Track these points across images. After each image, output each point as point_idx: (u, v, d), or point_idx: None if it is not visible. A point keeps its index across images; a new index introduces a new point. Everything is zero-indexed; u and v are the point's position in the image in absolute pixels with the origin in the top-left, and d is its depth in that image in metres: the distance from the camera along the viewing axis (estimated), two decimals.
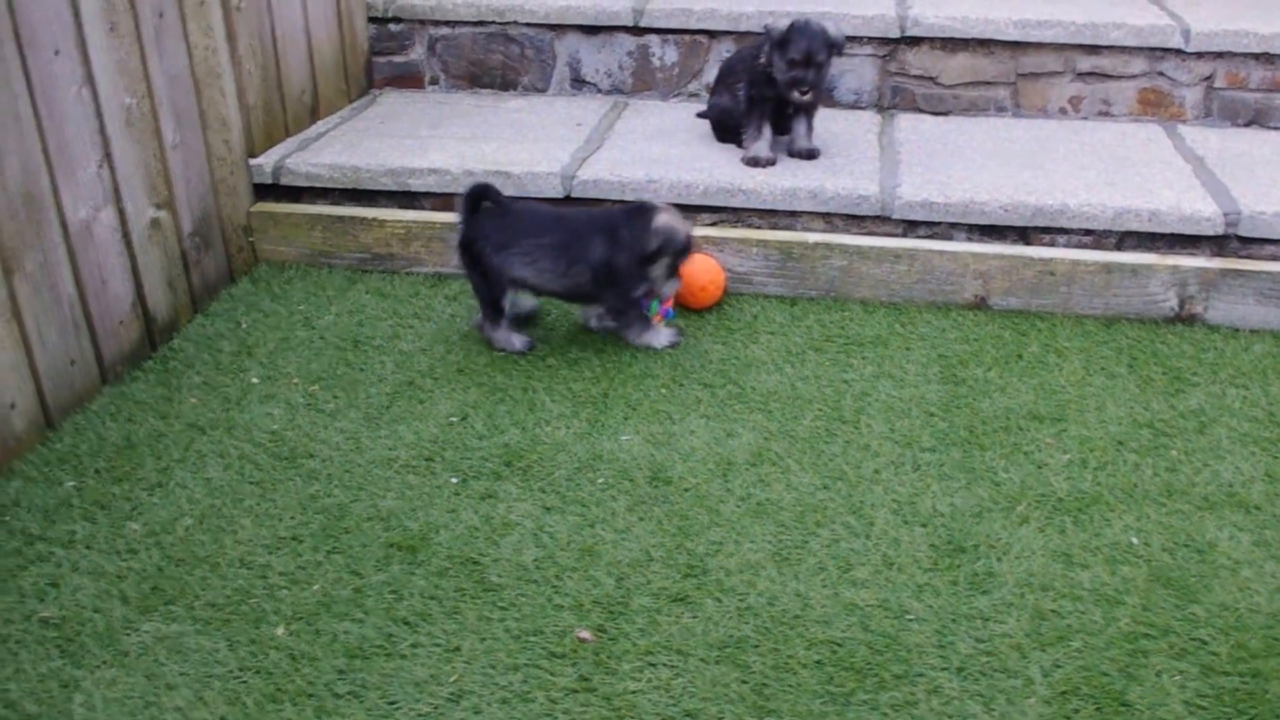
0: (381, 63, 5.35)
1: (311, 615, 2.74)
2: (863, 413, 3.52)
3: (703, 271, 4.11)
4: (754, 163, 4.46)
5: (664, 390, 3.64)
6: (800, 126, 4.54)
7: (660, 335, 3.84)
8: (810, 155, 4.51)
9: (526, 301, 3.93)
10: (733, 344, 3.91)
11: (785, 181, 4.28)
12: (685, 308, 4.13)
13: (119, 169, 3.68)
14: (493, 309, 3.81)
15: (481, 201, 3.77)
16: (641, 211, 3.72)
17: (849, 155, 4.57)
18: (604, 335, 3.91)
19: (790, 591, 2.80)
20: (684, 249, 3.74)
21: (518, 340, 3.85)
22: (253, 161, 4.50)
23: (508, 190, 4.32)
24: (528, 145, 4.64)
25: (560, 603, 2.77)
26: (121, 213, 3.71)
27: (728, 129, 4.64)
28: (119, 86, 3.66)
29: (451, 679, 2.57)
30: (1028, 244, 4.20)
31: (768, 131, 4.49)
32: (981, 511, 3.08)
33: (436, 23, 5.25)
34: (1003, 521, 3.05)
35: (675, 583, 2.83)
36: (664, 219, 3.70)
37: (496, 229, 3.73)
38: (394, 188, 4.47)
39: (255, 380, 3.70)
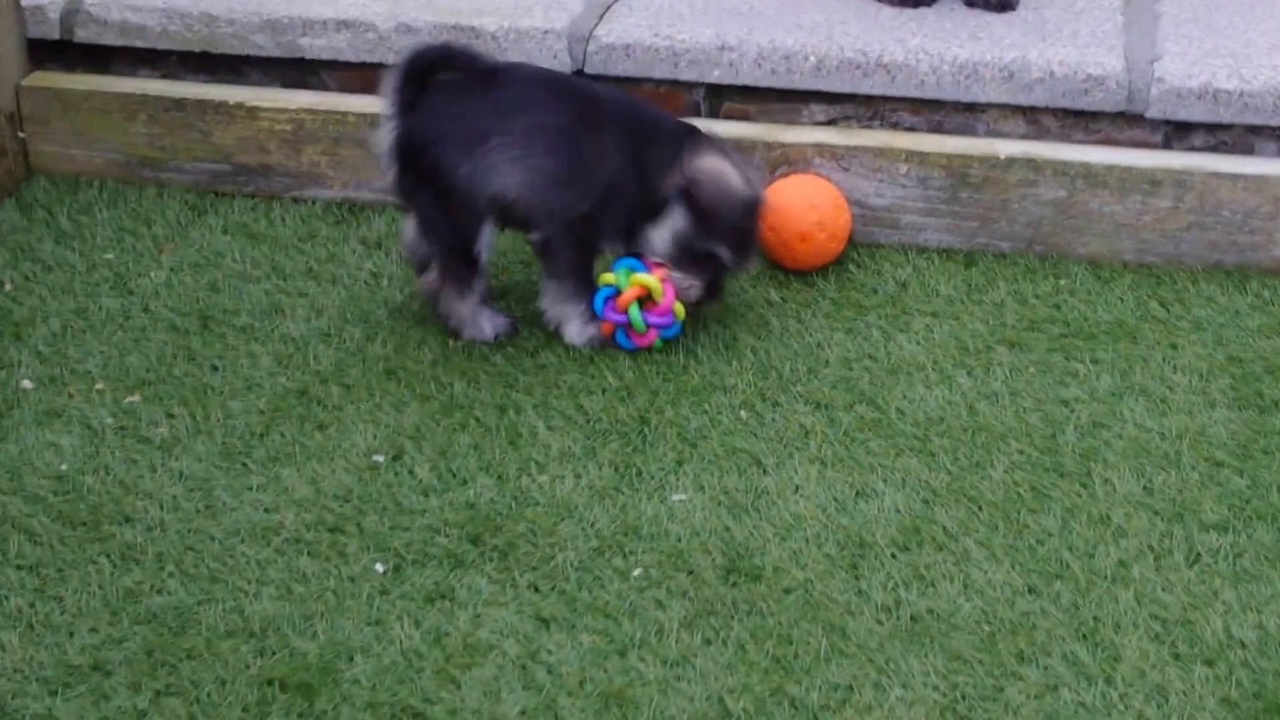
0: None
1: None
2: (1096, 458, 3.49)
3: (807, 205, 4.09)
4: None
5: (745, 412, 3.62)
6: None
7: (580, 328, 3.85)
8: (1002, 4, 4.49)
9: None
10: (865, 333, 3.90)
11: (958, 49, 4.26)
12: (779, 267, 4.11)
13: None
14: (460, 260, 3.81)
15: (433, 76, 3.76)
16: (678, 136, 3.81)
17: (1068, 3, 4.55)
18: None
19: None
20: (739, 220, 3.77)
21: (487, 324, 3.87)
22: (26, 1, 4.45)
23: None
24: None
25: None
26: None
27: None
28: None
29: None
30: None
31: None
32: None
33: None
34: None
35: None
36: (713, 164, 3.74)
37: (461, 117, 3.73)
38: (275, 51, 4.45)
39: (27, 384, 3.68)
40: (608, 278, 3.78)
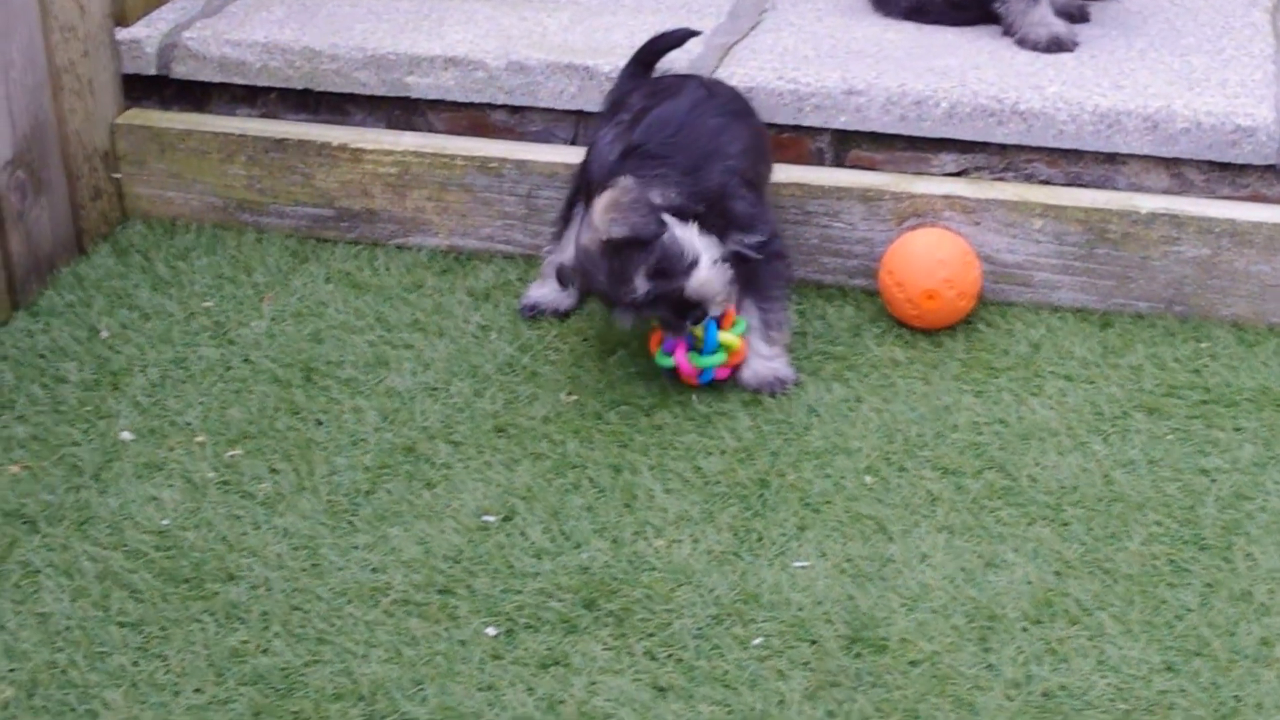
0: None
1: None
2: (1238, 531, 3.54)
3: (936, 261, 4.17)
4: (1051, 45, 4.55)
5: (869, 477, 3.69)
6: None
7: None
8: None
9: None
10: (995, 396, 3.95)
11: (1099, 97, 4.31)
12: (905, 325, 4.20)
13: None
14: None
15: (660, 57, 4.29)
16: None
17: (1217, 47, 4.59)
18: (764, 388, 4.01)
19: None
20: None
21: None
22: (122, 35, 4.58)
23: (589, 98, 4.47)
24: (624, 18, 4.72)
25: None
26: None
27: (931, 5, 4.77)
28: None
29: None
30: None
31: None
32: None
33: None
34: None
35: None
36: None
37: (623, 93, 4.20)
38: (380, 89, 4.56)
39: (127, 435, 3.81)
40: None
